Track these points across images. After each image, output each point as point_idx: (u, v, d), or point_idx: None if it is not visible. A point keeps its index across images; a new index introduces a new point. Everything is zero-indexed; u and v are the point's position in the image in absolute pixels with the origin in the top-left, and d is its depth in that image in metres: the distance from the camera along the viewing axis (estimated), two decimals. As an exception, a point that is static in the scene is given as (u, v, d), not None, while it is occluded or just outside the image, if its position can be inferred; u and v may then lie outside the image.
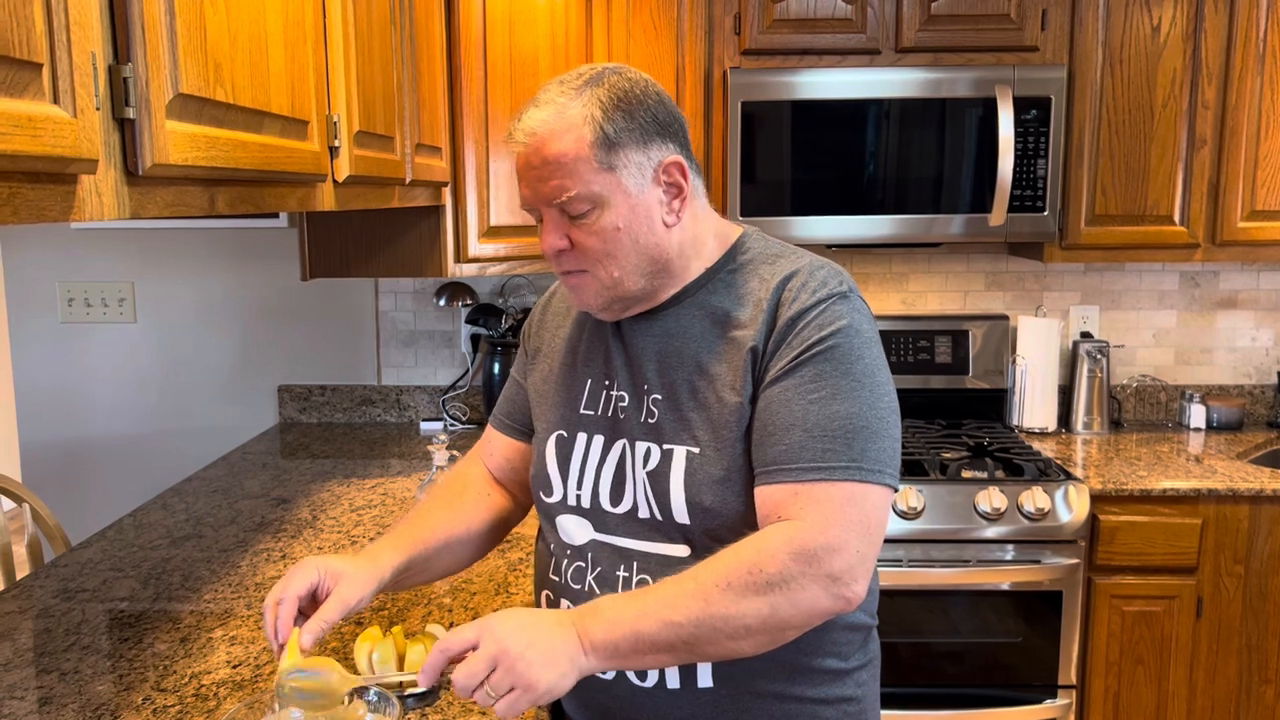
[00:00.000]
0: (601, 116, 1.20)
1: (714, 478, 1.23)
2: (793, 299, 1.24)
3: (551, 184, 1.20)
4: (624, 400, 1.31)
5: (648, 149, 1.23)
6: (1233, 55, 2.66)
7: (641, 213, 1.23)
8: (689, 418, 1.25)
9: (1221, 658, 2.55)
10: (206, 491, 2.41)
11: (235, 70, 1.17)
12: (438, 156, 2.29)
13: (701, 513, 1.24)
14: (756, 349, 1.23)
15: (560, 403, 1.38)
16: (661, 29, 2.66)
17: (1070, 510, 2.45)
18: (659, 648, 1.12)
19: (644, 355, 1.31)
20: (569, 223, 1.23)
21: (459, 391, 3.08)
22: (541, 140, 1.20)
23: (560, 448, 1.36)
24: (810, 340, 1.21)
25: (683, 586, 1.14)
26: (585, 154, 1.19)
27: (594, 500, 1.32)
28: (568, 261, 1.25)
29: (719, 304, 1.29)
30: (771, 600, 1.12)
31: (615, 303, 1.28)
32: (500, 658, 1.08)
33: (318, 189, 1.54)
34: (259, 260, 3.06)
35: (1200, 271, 3.11)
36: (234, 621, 1.66)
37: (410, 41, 2.04)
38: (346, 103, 1.61)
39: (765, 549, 1.14)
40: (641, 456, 1.28)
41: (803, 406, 1.19)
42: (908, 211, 2.67)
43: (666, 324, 1.30)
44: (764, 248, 1.33)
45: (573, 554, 1.33)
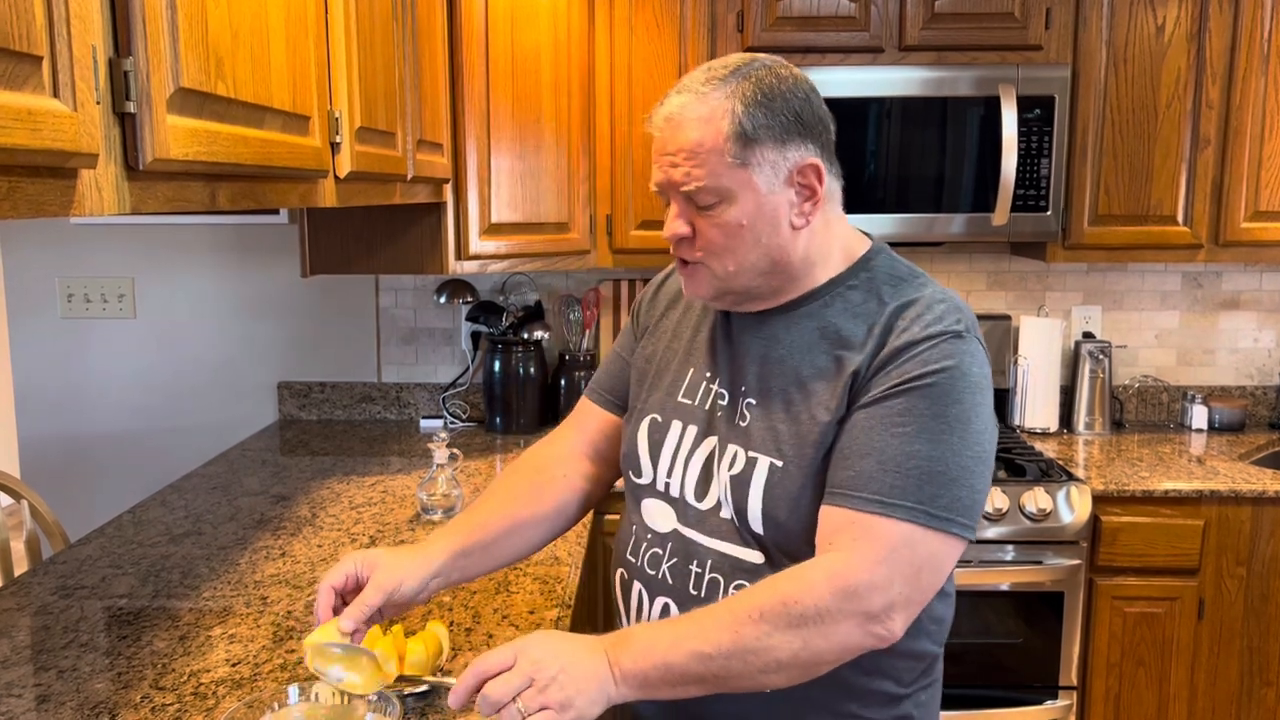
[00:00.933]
0: (742, 110, 1.19)
1: (791, 494, 1.21)
2: (905, 328, 1.20)
3: (681, 171, 1.20)
4: (723, 398, 1.30)
5: (785, 148, 1.21)
6: (1237, 55, 2.65)
7: (769, 212, 1.21)
8: (778, 429, 1.23)
9: (1223, 659, 2.54)
10: (206, 488, 2.40)
11: (237, 65, 1.16)
12: (439, 153, 2.28)
13: (775, 526, 1.22)
14: (859, 371, 1.20)
15: (659, 386, 1.38)
16: (664, 26, 2.65)
17: (1072, 511, 2.44)
18: (689, 679, 1.11)
19: (748, 356, 1.29)
20: (694, 211, 1.22)
21: (459, 389, 3.07)
22: (677, 126, 1.20)
23: (653, 432, 1.35)
24: (911, 374, 1.17)
25: (716, 617, 1.12)
26: (720, 146, 1.18)
27: (681, 491, 1.31)
28: (686, 249, 1.25)
29: (832, 319, 1.25)
30: (805, 635, 1.10)
31: (727, 294, 1.27)
32: (535, 676, 1.07)
33: (319, 185, 1.53)
34: (259, 256, 3.05)
35: (1203, 272, 3.10)
36: (233, 619, 1.65)
37: (412, 37, 2.03)
38: (348, 98, 1.61)
39: (805, 581, 1.12)
40: (729, 459, 1.27)
41: (883, 438, 1.15)
42: (910, 210, 2.66)
43: (776, 329, 1.28)
44: (890, 267, 1.29)
45: (653, 539, 1.33)
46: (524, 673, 1.07)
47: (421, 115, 2.09)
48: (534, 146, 2.54)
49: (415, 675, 1.33)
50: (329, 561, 1.91)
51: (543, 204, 2.59)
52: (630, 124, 2.68)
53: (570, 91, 2.61)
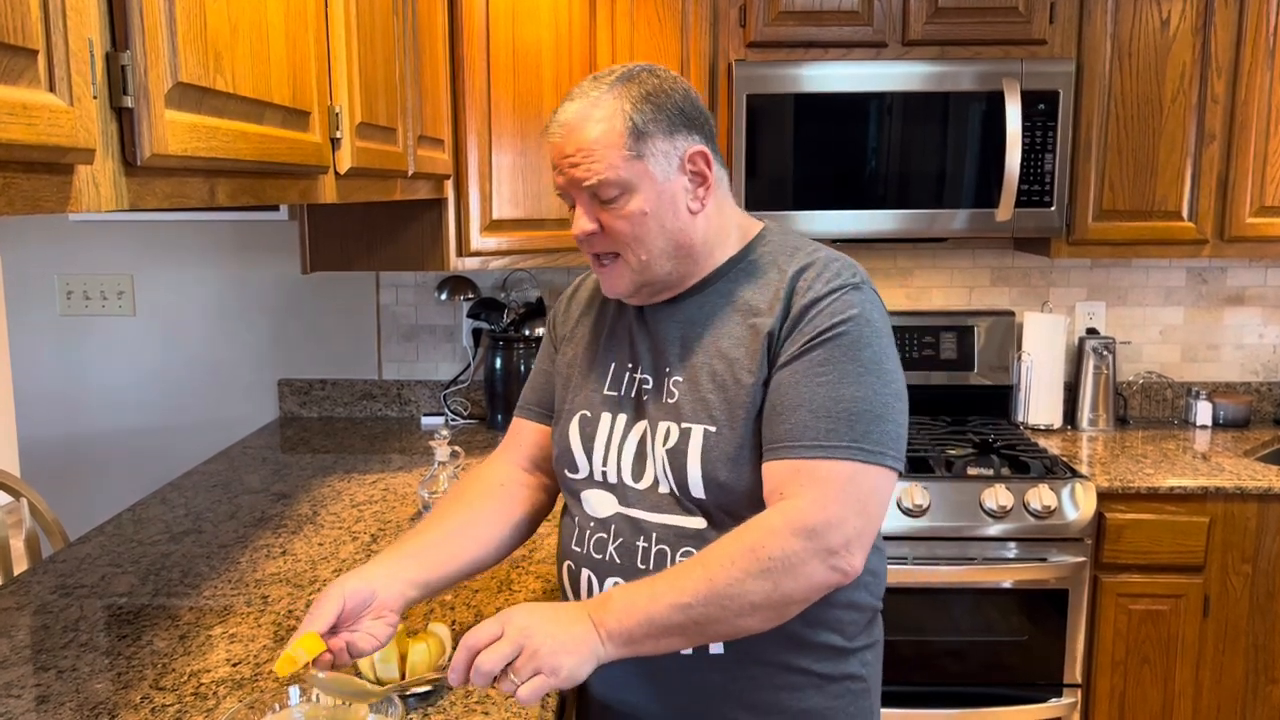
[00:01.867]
0: (631, 108, 1.28)
1: (728, 455, 1.29)
2: (807, 288, 1.30)
3: (582, 169, 1.28)
4: (647, 383, 1.39)
5: (674, 139, 1.30)
6: (1242, 49, 2.63)
7: (667, 199, 1.31)
8: (707, 399, 1.32)
9: (1228, 657, 2.53)
10: (206, 486, 2.39)
11: (236, 59, 1.15)
12: (440, 149, 2.26)
13: (717, 488, 1.30)
14: (773, 334, 1.30)
15: (584, 385, 1.45)
16: (666, 21, 2.63)
17: (1076, 508, 2.43)
18: (671, 630, 1.18)
19: (667, 340, 1.38)
20: (599, 207, 1.30)
21: (460, 386, 3.06)
22: (574, 128, 1.29)
23: (584, 427, 1.42)
24: (821, 327, 1.27)
25: (690, 570, 1.20)
26: (615, 141, 1.27)
27: (618, 476, 1.38)
28: (598, 244, 1.33)
29: (740, 292, 1.35)
30: (774, 577, 1.18)
31: (644, 287, 1.35)
32: (524, 644, 1.12)
33: (319, 181, 1.52)
34: (259, 253, 3.03)
35: (1208, 268, 3.08)
36: (233, 619, 1.64)
37: (413, 32, 2.01)
38: (349, 94, 1.59)
39: (767, 528, 1.20)
40: (662, 435, 1.34)
41: (810, 388, 1.25)
42: (913, 206, 2.65)
43: (689, 310, 1.37)
44: (783, 240, 1.40)
45: (596, 526, 1.40)
46: (513, 641, 1.12)
47: (422, 111, 2.07)
48: (535, 142, 2.53)
49: (415, 679, 1.33)
50: (330, 560, 1.90)
51: (544, 200, 2.57)
52: (632, 119, 2.66)
53: (572, 87, 2.59)
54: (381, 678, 1.36)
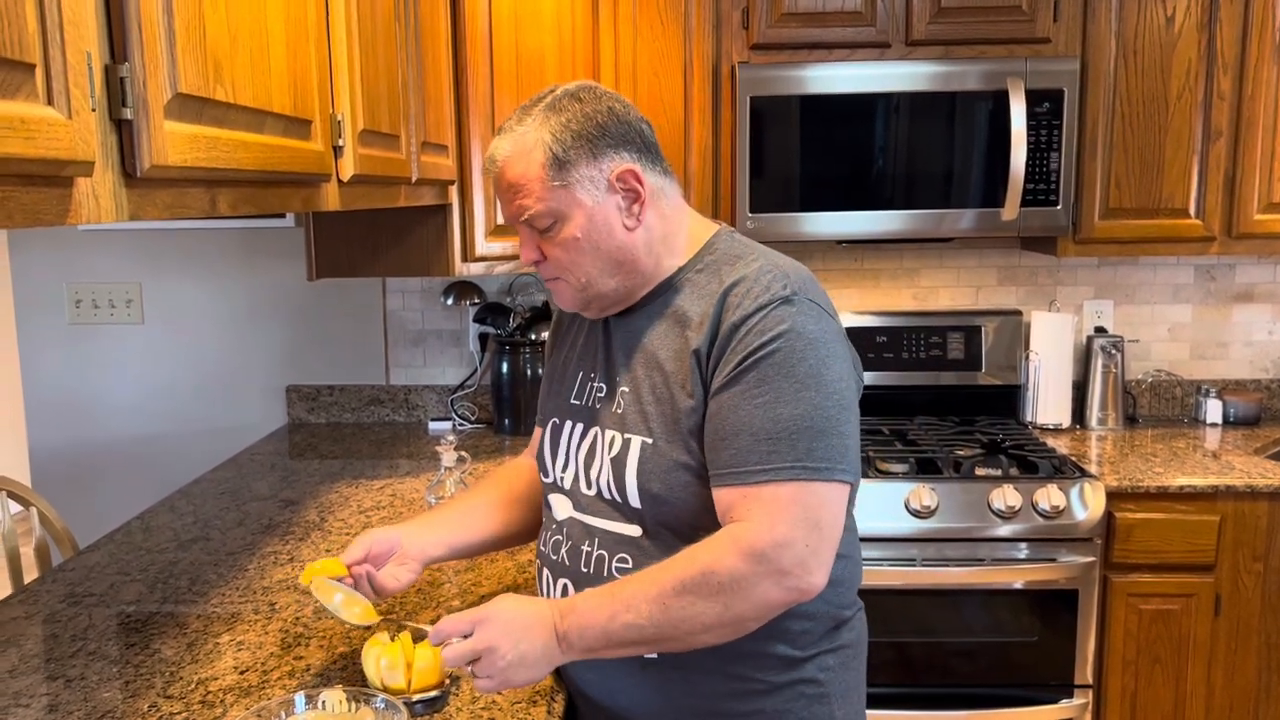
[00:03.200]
0: (551, 139, 1.31)
1: (663, 468, 1.32)
2: (736, 305, 1.30)
3: (515, 204, 1.34)
4: (601, 391, 1.43)
5: (598, 162, 1.32)
6: (1248, 45, 2.62)
7: (600, 221, 1.33)
8: (647, 411, 1.35)
9: (1240, 656, 2.52)
10: (214, 493, 2.40)
11: (236, 69, 1.15)
12: (444, 155, 2.27)
13: (650, 499, 1.33)
14: (700, 352, 1.31)
15: (557, 393, 1.52)
16: (669, 24, 2.63)
17: (1086, 508, 2.42)
18: (626, 644, 1.25)
19: (618, 351, 1.42)
20: (538, 236, 1.35)
21: (467, 391, 3.07)
22: (502, 167, 1.34)
23: (553, 434, 1.49)
24: (752, 346, 1.26)
25: (644, 589, 1.23)
26: (539, 174, 1.31)
27: (574, 482, 1.44)
28: (544, 270, 1.38)
29: (680, 304, 1.37)
30: (725, 600, 1.21)
31: (592, 302, 1.40)
32: (485, 655, 1.22)
33: (322, 189, 1.52)
34: (266, 260, 3.04)
35: (1216, 265, 3.07)
36: (241, 626, 1.64)
37: (415, 39, 2.02)
38: (350, 101, 1.60)
39: (716, 552, 1.23)
40: (608, 443, 1.39)
41: (748, 411, 1.25)
42: (918, 206, 2.64)
43: (638, 321, 1.41)
44: (729, 248, 1.39)
45: (555, 528, 1.46)
46: (478, 647, 1.22)
47: (425, 117, 2.08)
48: (539, 147, 2.53)
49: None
50: (337, 566, 1.91)
51: (549, 204, 2.58)
52: (636, 123, 2.66)
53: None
54: (388, 685, 1.36)
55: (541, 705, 1.38)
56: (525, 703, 1.38)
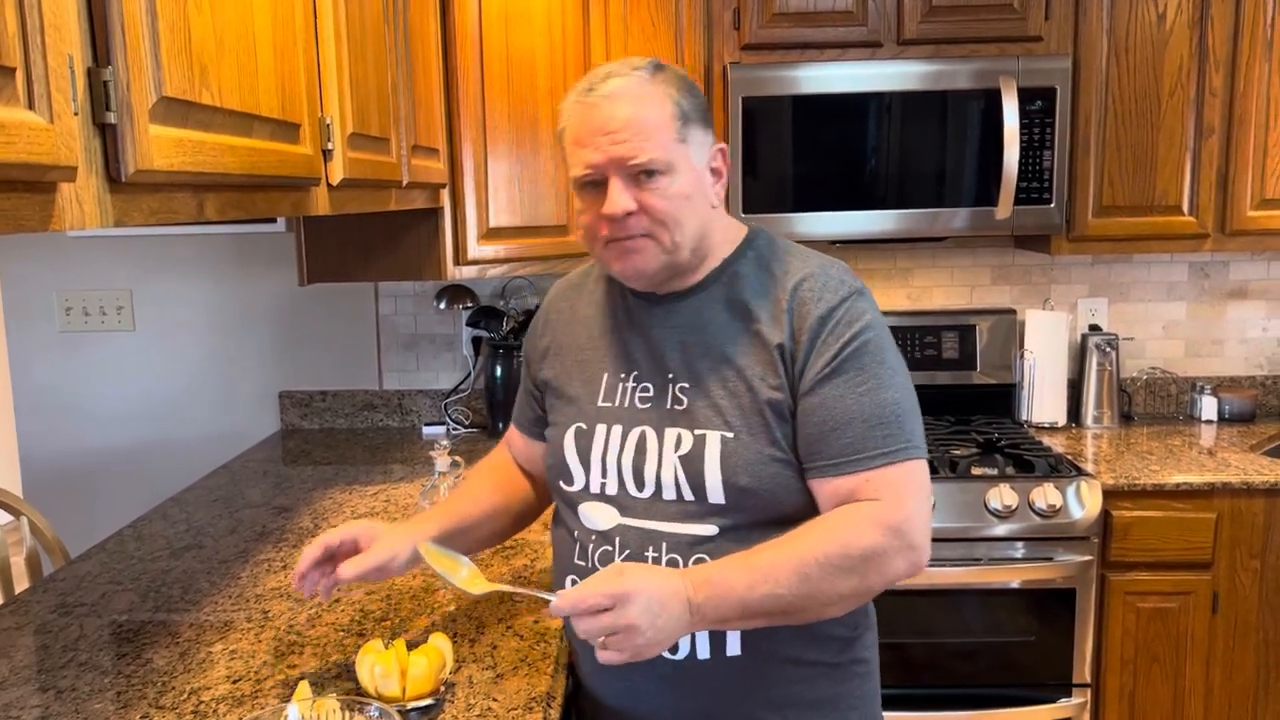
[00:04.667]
0: (678, 93, 1.32)
1: (748, 460, 1.31)
2: (816, 299, 1.33)
3: (630, 145, 1.27)
4: (646, 390, 1.39)
5: (707, 131, 1.35)
6: (1240, 42, 2.62)
7: (701, 187, 1.34)
8: (720, 405, 1.33)
9: (1238, 654, 2.51)
10: (207, 501, 2.38)
11: (222, 72, 1.14)
12: (435, 158, 2.25)
13: (738, 492, 1.31)
14: (784, 347, 1.32)
15: (576, 398, 1.46)
16: (660, 25, 2.62)
17: (1082, 507, 2.41)
18: (759, 614, 1.24)
19: (666, 345, 1.39)
20: (637, 187, 1.29)
21: (461, 395, 3.05)
22: (627, 101, 1.28)
23: (579, 439, 1.42)
24: (845, 338, 1.31)
25: (783, 558, 1.24)
26: (666, 122, 1.29)
27: (620, 487, 1.38)
28: (634, 225, 1.30)
29: (737, 297, 1.36)
30: (862, 572, 1.25)
31: (664, 270, 1.35)
32: (625, 631, 1.17)
33: (311, 193, 1.51)
34: (258, 265, 3.03)
35: (1210, 262, 3.07)
36: (234, 635, 1.63)
37: (405, 41, 2.00)
38: (339, 104, 1.58)
39: (856, 526, 1.26)
40: (673, 442, 1.34)
41: (855, 400, 1.29)
42: (912, 206, 2.63)
43: (687, 315, 1.38)
44: (772, 246, 1.42)
45: (599, 539, 1.40)
46: (618, 624, 1.16)
47: (416, 120, 2.07)
48: (531, 149, 2.52)
49: (508, 588, 1.38)
50: (331, 573, 1.89)
51: (541, 207, 2.57)
52: (628, 124, 2.65)
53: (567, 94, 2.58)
54: (382, 693, 1.34)
55: (538, 711, 1.37)
56: (522, 709, 1.37)
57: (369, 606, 1.74)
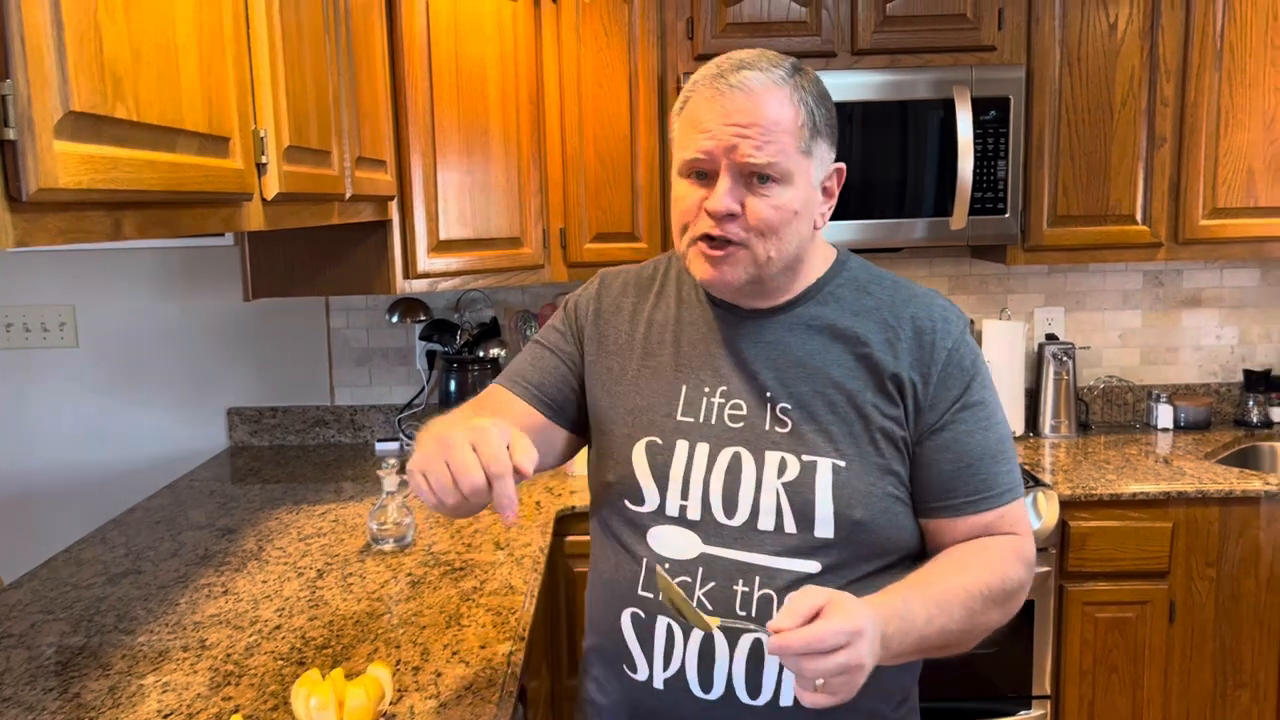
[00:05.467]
0: (814, 103, 1.23)
1: (861, 491, 1.23)
2: (940, 331, 1.27)
3: (753, 142, 1.18)
4: (739, 408, 1.28)
5: (830, 150, 1.28)
6: (1190, 52, 2.63)
7: (812, 205, 1.26)
8: (831, 431, 1.24)
9: (1195, 663, 2.51)
10: (149, 523, 2.32)
11: (139, 85, 1.09)
12: (382, 170, 2.21)
13: (851, 525, 1.22)
14: (903, 377, 1.25)
15: (649, 407, 1.32)
16: (613, 35, 2.59)
17: (1040, 517, 2.40)
18: (925, 650, 1.16)
19: (757, 363, 1.29)
20: (745, 189, 1.21)
21: (415, 410, 3.00)
22: (760, 98, 1.19)
23: (654, 455, 1.29)
24: (970, 372, 1.27)
25: (952, 591, 1.16)
26: (795, 129, 1.20)
27: (704, 511, 1.26)
28: (732, 229, 1.21)
29: (834, 319, 1.29)
30: (1007, 606, 1.21)
31: (751, 284, 1.26)
32: (854, 671, 1.03)
33: (244, 208, 1.46)
34: (205, 280, 2.96)
35: (1164, 270, 3.08)
36: (168, 665, 1.57)
37: (348, 52, 1.96)
38: (275, 117, 1.53)
39: (1007, 558, 1.22)
40: (775, 466, 1.24)
41: (982, 436, 1.26)
42: (873, 216, 2.62)
43: (778, 333, 1.30)
44: (864, 268, 1.36)
45: (675, 569, 1.26)
46: (849, 664, 1.02)
47: (360, 132, 2.02)
48: (482, 160, 2.48)
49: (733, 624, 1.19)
50: (273, 598, 1.84)
51: (493, 219, 2.53)
52: (581, 135, 2.62)
53: (519, 103, 2.55)
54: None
55: (480, 743, 1.33)
56: (463, 741, 1.33)
57: (311, 633, 1.68)
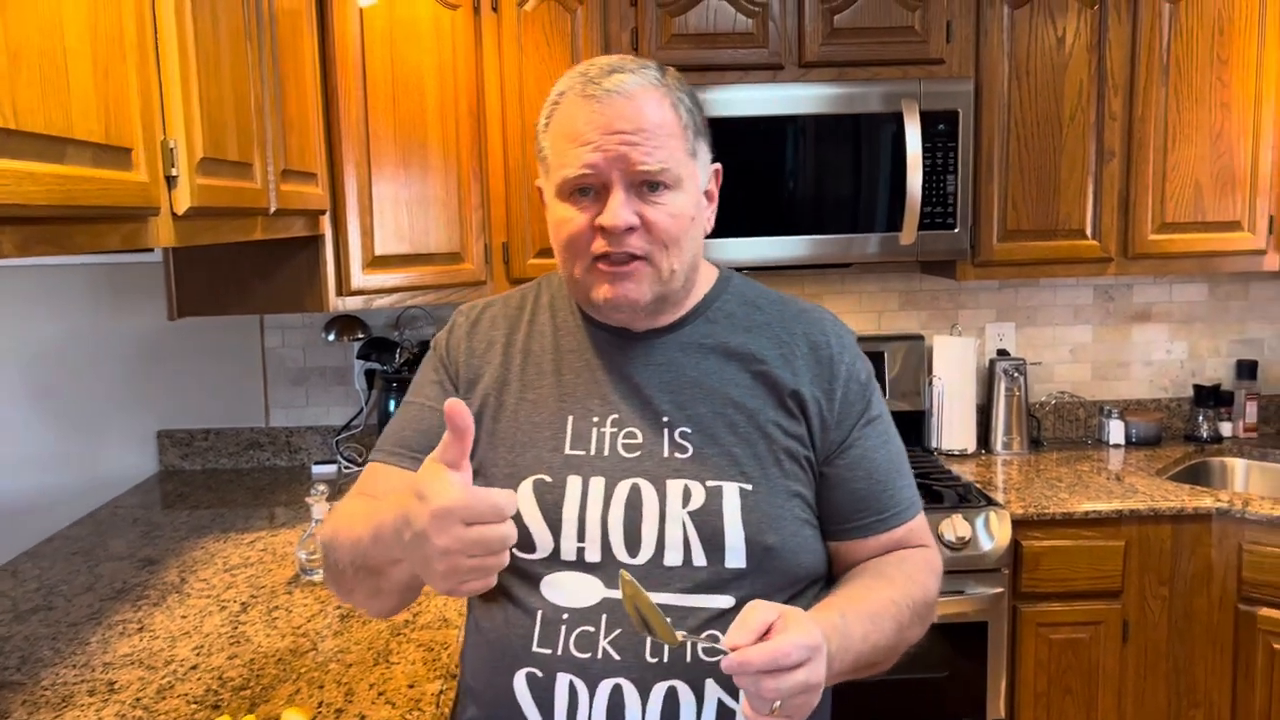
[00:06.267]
0: (690, 102, 1.17)
1: (769, 515, 1.15)
2: (837, 344, 1.24)
3: (643, 150, 1.11)
4: (634, 437, 1.18)
5: (709, 148, 1.21)
6: (1137, 66, 2.62)
7: (700, 209, 1.20)
8: (733, 453, 1.17)
9: (1149, 683, 2.47)
10: (65, 554, 2.20)
11: (17, 91, 1.00)
12: (312, 183, 2.11)
13: (762, 552, 1.14)
14: (804, 394, 1.20)
15: (532, 442, 1.20)
16: (555, 45, 2.53)
17: (992, 538, 2.36)
18: (858, 669, 1.10)
19: (650, 387, 1.20)
20: (639, 200, 1.13)
21: (354, 431, 2.90)
22: (639, 101, 1.12)
23: (544, 494, 1.17)
24: (868, 386, 1.24)
25: (881, 605, 1.12)
26: (679, 130, 1.15)
27: (605, 552, 1.14)
28: (632, 243, 1.13)
29: (726, 337, 1.23)
30: (927, 620, 1.18)
31: (655, 302, 1.18)
32: (811, 691, 0.97)
33: (149, 223, 1.37)
34: (133, 296, 2.84)
35: (1114, 285, 3.07)
36: (71, 712, 1.46)
37: (272, 59, 1.87)
38: (186, 127, 1.44)
39: (925, 572, 1.20)
40: (678, 495, 1.15)
41: (885, 453, 1.23)
42: (824, 231, 2.57)
43: (669, 353, 1.22)
44: (749, 283, 1.31)
45: (574, 618, 1.14)
46: (809, 682, 0.96)
47: (286, 143, 1.93)
48: (420, 173, 2.40)
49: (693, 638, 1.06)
50: (192, 635, 1.73)
51: (432, 234, 2.44)
52: (524, 147, 2.55)
53: (458, 114, 2.47)
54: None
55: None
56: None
57: (229, 673, 1.59)
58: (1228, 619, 2.44)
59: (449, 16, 2.42)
